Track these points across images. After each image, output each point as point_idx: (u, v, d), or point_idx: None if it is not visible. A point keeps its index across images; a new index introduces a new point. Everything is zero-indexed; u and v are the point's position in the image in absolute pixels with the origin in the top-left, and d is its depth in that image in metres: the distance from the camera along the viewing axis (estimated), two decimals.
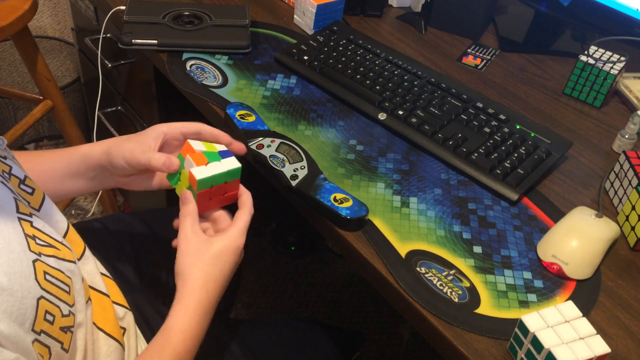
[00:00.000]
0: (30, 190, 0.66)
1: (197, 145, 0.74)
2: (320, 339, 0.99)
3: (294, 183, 0.82)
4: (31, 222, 0.60)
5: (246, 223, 0.73)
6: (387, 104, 0.97)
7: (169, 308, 0.84)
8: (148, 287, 0.94)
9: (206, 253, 0.70)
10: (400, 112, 0.95)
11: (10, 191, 0.61)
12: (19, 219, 0.59)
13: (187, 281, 0.69)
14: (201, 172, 0.71)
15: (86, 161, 0.78)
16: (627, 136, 0.95)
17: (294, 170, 0.84)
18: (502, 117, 0.96)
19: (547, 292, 0.75)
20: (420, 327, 0.73)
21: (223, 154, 0.74)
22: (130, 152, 0.74)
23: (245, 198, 0.75)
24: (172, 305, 0.69)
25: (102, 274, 0.75)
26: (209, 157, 0.73)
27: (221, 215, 0.76)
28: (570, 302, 0.67)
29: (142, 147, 0.74)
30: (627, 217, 0.83)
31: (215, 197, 0.74)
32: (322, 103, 1.00)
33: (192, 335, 0.68)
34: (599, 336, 0.63)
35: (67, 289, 0.60)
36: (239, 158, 0.76)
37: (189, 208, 0.71)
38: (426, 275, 0.75)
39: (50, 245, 0.61)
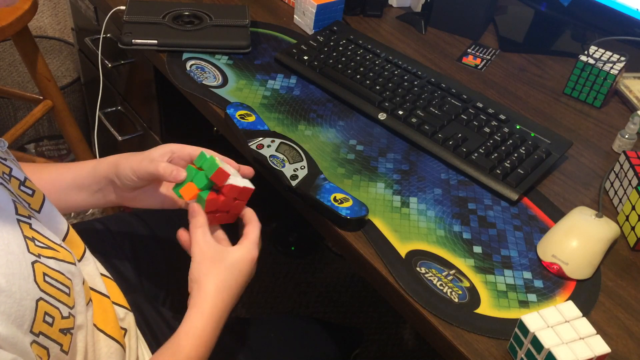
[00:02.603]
0: (30, 192, 0.66)
1: None
2: (319, 336, 1.00)
3: (294, 183, 0.82)
4: (30, 224, 0.60)
5: (257, 235, 0.76)
6: (387, 104, 0.97)
7: (169, 308, 0.84)
8: (147, 287, 0.94)
9: (222, 262, 0.71)
10: (400, 112, 0.95)
11: (9, 193, 0.61)
12: (18, 220, 0.58)
13: (202, 287, 0.70)
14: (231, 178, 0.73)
15: (94, 173, 0.80)
16: (627, 136, 0.95)
17: (294, 170, 0.84)
18: (502, 117, 0.96)
19: (547, 292, 0.75)
20: (420, 327, 0.73)
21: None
22: (137, 162, 0.77)
23: (250, 214, 0.78)
24: (187, 312, 0.70)
25: (102, 274, 0.75)
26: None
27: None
28: (570, 302, 0.67)
29: (150, 159, 0.77)
30: (627, 217, 0.83)
31: (221, 211, 0.75)
32: (322, 103, 1.00)
33: (204, 342, 0.69)
34: (599, 336, 0.63)
35: (67, 290, 0.60)
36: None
37: (199, 220, 0.73)
38: (426, 275, 0.75)
39: (49, 247, 0.61)
